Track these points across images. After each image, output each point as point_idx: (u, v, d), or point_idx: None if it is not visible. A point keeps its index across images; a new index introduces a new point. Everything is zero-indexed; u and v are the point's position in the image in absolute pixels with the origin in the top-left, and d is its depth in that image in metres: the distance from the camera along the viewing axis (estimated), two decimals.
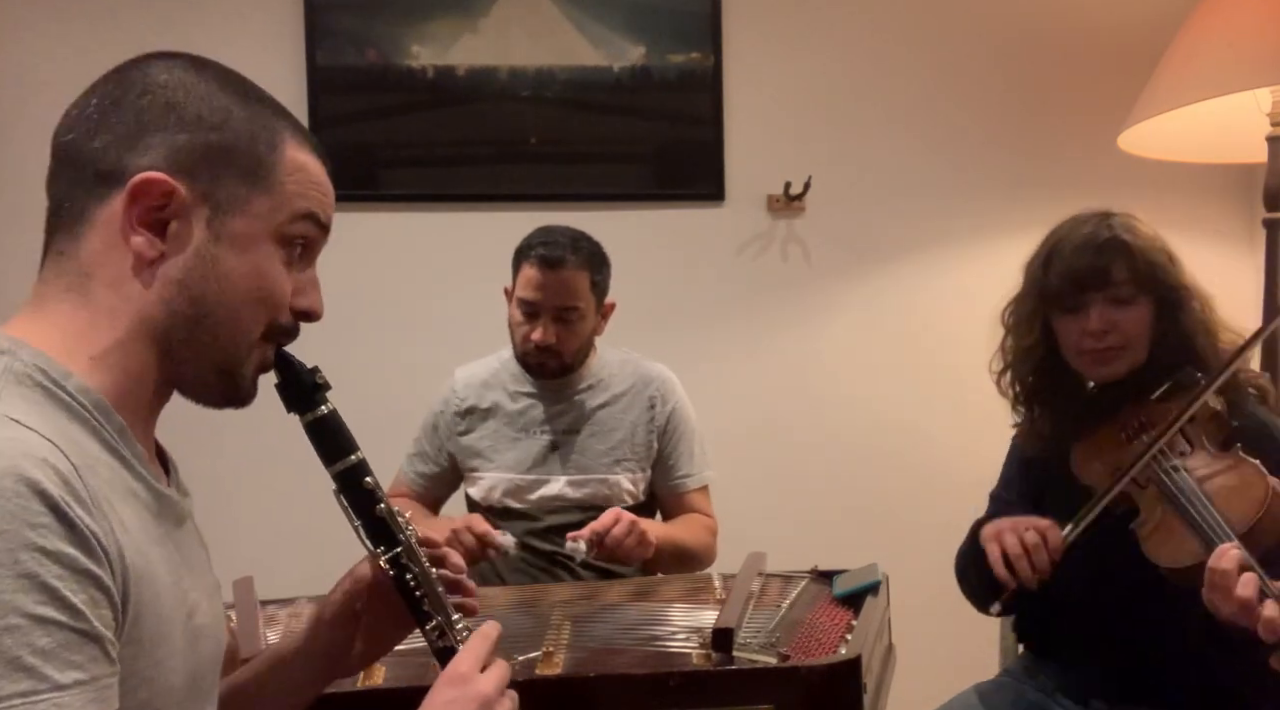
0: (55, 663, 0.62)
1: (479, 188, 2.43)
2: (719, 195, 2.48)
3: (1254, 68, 1.87)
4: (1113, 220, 1.46)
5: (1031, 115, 2.54)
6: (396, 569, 0.91)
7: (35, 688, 0.60)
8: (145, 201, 0.75)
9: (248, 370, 0.83)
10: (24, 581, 0.61)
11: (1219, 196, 2.53)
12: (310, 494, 2.39)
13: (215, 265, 0.77)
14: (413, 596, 0.91)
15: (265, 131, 0.80)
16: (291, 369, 0.87)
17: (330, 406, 0.89)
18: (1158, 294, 1.43)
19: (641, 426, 1.89)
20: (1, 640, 0.59)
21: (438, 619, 0.91)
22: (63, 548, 0.63)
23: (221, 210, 0.78)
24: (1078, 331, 1.45)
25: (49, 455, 0.65)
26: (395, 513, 0.92)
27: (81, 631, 0.63)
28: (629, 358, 1.96)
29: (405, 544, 0.91)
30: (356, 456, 0.90)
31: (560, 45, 2.40)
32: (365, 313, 2.35)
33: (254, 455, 2.31)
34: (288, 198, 0.81)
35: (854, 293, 2.54)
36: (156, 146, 0.76)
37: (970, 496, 1.71)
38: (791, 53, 2.49)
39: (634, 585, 1.66)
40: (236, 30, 2.33)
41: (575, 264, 1.77)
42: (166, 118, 0.76)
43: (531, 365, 1.85)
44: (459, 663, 0.86)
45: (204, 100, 0.78)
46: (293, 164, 0.81)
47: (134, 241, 0.75)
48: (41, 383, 0.71)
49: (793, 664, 1.21)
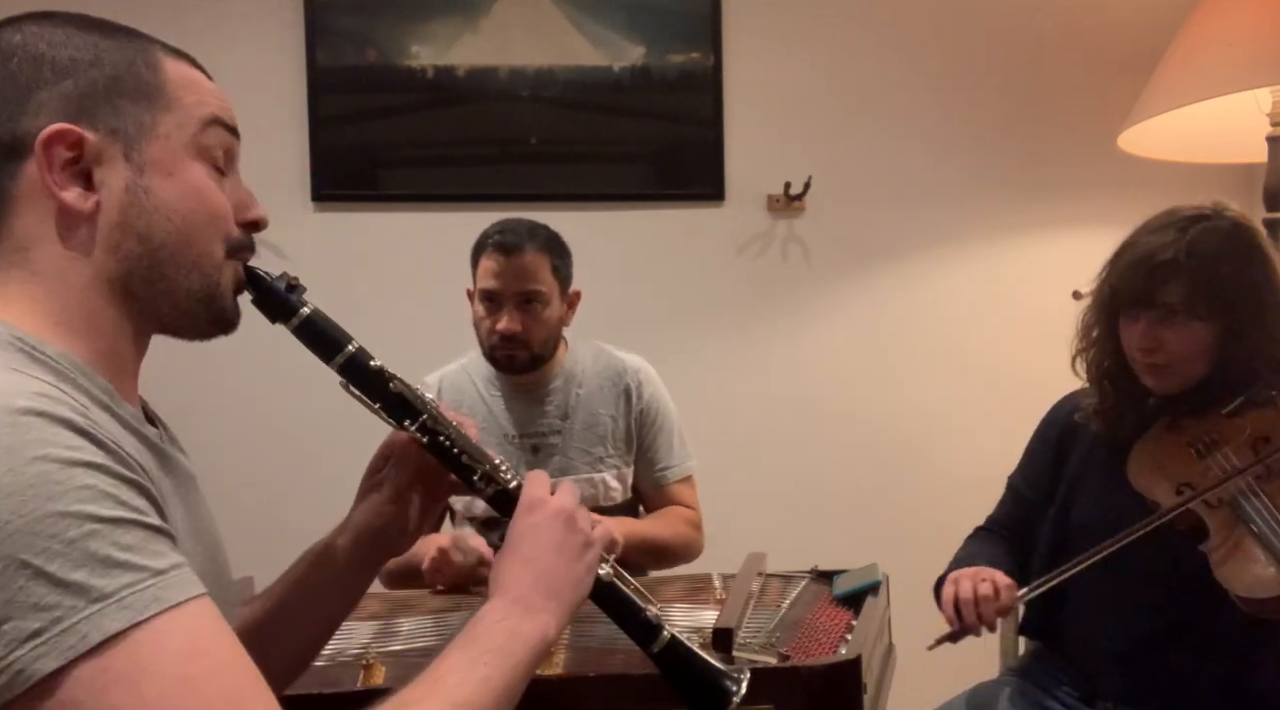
0: (145, 553, 0.62)
1: (479, 188, 2.43)
2: (719, 195, 2.48)
3: (1254, 68, 1.87)
4: (1191, 232, 1.35)
5: (1031, 115, 2.54)
6: (428, 434, 0.92)
7: (136, 578, 0.61)
8: (59, 156, 0.73)
9: (225, 290, 0.82)
10: (86, 492, 0.61)
11: (1219, 196, 2.51)
12: (310, 494, 2.40)
13: (150, 197, 0.76)
14: (451, 455, 0.92)
15: (141, 54, 0.78)
16: (262, 281, 0.86)
17: (312, 305, 0.88)
18: (1224, 317, 1.34)
19: (621, 419, 1.86)
20: (88, 544, 0.60)
21: (483, 467, 0.92)
22: (106, 462, 0.63)
23: (133, 142, 0.76)
24: (1128, 338, 1.42)
25: (56, 394, 0.65)
26: (409, 385, 0.92)
27: (153, 527, 0.64)
28: (600, 349, 1.92)
29: (429, 409, 0.92)
30: (354, 345, 0.90)
31: (560, 45, 2.40)
32: (365, 313, 2.35)
33: (254, 455, 2.31)
34: (188, 109, 0.79)
35: (854, 293, 2.54)
36: (45, 102, 0.74)
37: (970, 496, 1.72)
38: (791, 53, 2.49)
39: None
40: (236, 30, 2.33)
41: (533, 248, 1.74)
42: (41, 72, 0.74)
43: (500, 359, 1.79)
44: (530, 492, 0.89)
45: (68, 43, 0.76)
46: (180, 78, 0.80)
47: (64, 198, 0.73)
48: (22, 349, 0.70)
49: (793, 664, 1.21)
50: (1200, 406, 1.40)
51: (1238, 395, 1.37)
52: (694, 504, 1.91)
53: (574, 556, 0.87)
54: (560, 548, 0.86)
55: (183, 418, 0.88)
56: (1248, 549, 1.28)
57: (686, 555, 1.84)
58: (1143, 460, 1.42)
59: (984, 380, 2.52)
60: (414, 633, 1.39)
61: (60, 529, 0.59)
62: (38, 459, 0.60)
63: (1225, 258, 1.34)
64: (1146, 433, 1.45)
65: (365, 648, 1.28)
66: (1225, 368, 1.38)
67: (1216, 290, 1.34)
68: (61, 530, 0.59)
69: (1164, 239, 1.36)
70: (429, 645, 1.30)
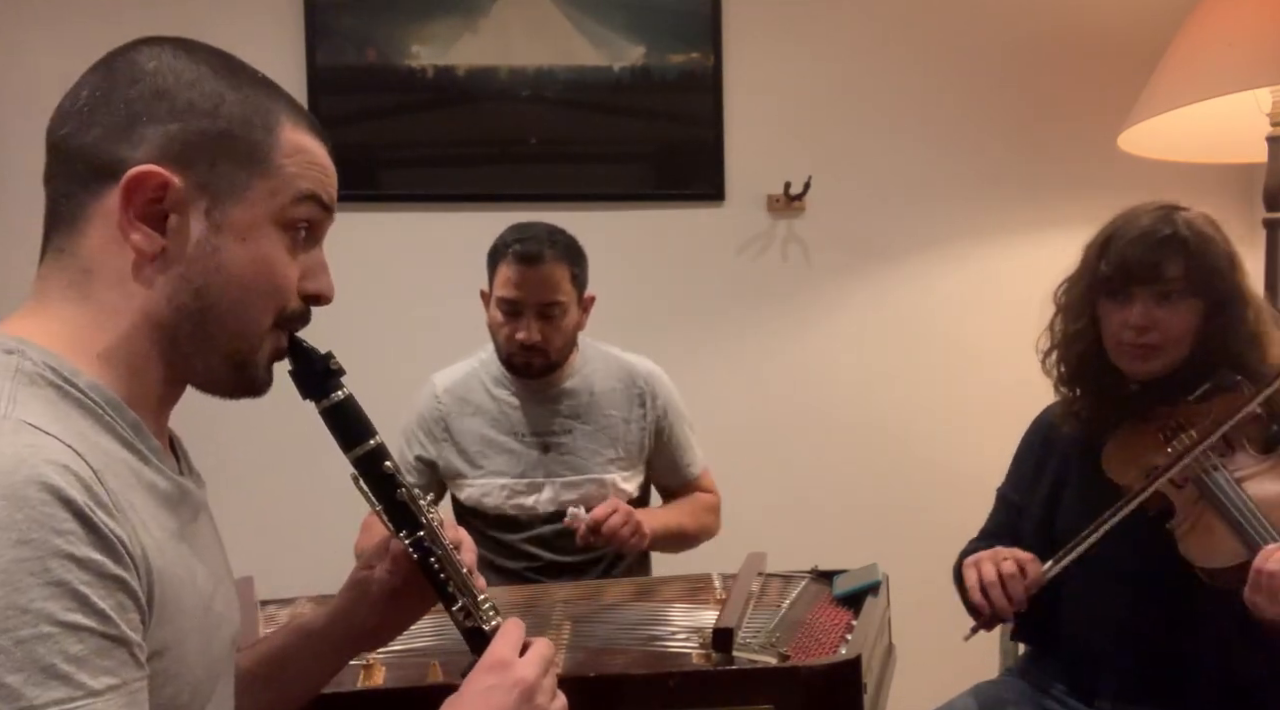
0: (88, 669, 0.61)
1: (479, 188, 2.43)
2: (719, 195, 2.48)
3: (1254, 68, 1.87)
4: (1178, 215, 1.42)
5: (1031, 115, 2.54)
6: (420, 552, 0.91)
7: (71, 695, 0.60)
8: (141, 196, 0.73)
9: (261, 359, 0.81)
10: (54, 589, 0.60)
11: (1219, 196, 2.52)
12: (310, 494, 2.40)
13: (217, 256, 0.76)
14: (437, 579, 0.91)
15: (260, 114, 0.78)
16: (305, 355, 0.86)
17: (346, 392, 0.88)
18: (1210, 297, 1.40)
19: (634, 423, 1.87)
20: (35, 649, 0.59)
21: (463, 600, 0.91)
22: (90, 554, 0.62)
23: (220, 199, 0.76)
24: (1119, 322, 1.43)
25: (70, 461, 0.64)
26: (416, 496, 0.92)
27: (111, 637, 0.63)
28: (610, 352, 1.93)
29: (427, 527, 0.91)
30: (375, 441, 0.89)
31: (560, 45, 2.40)
32: (365, 313, 2.35)
33: (254, 455, 2.31)
34: (287, 180, 0.79)
35: (854, 293, 2.54)
36: (149, 137, 0.74)
37: (970, 496, 1.72)
38: (791, 53, 2.49)
39: (634, 585, 1.66)
40: (236, 30, 2.33)
41: (553, 258, 1.74)
42: (157, 107, 0.74)
43: (518, 365, 1.80)
44: (496, 649, 0.85)
45: (194, 86, 0.76)
46: (290, 145, 0.79)
47: (133, 237, 0.73)
48: (54, 381, 0.70)
49: (793, 664, 1.21)
50: (1171, 395, 1.44)
51: (1206, 382, 1.41)
52: (714, 488, 1.99)
53: None
54: None
55: (182, 417, 0.88)
56: (1208, 522, 1.32)
57: (706, 537, 1.93)
58: (1116, 452, 1.46)
59: (984, 379, 2.52)
60: (414, 633, 1.38)
61: (15, 625, 0.59)
62: (21, 543, 0.60)
63: (1215, 236, 1.42)
64: (1120, 426, 1.48)
65: None
66: (1202, 351, 1.42)
67: (1210, 267, 1.39)
68: (16, 626, 0.59)
69: (1156, 219, 1.42)
70: (428, 645, 1.30)
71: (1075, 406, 1.53)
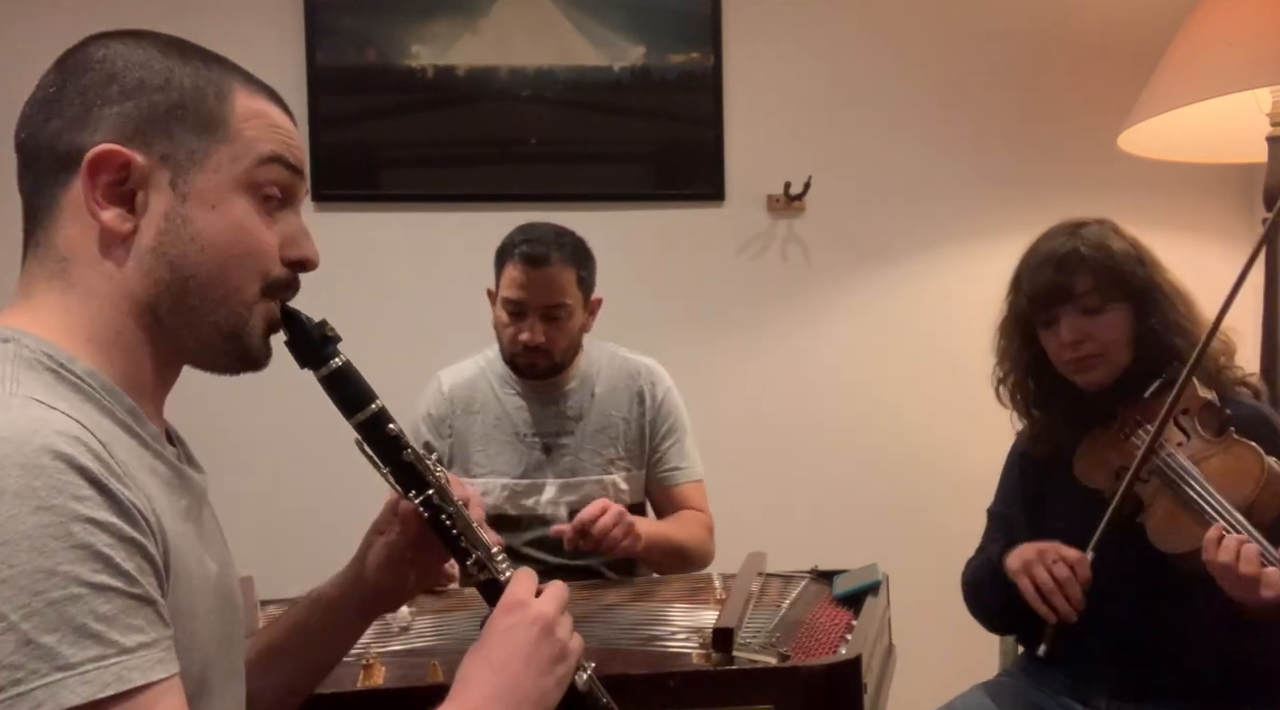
0: (119, 627, 0.63)
1: (479, 188, 2.43)
2: (719, 195, 2.48)
3: (1254, 68, 1.87)
4: (1082, 231, 1.48)
5: (1031, 115, 2.54)
6: (430, 510, 0.91)
7: (104, 652, 0.62)
8: (104, 176, 0.75)
9: (253, 329, 0.82)
10: (79, 552, 0.62)
11: (1219, 196, 2.53)
12: (310, 494, 2.40)
13: (187, 226, 0.77)
14: (449, 535, 0.92)
15: (212, 84, 0.79)
16: (299, 324, 0.86)
17: (343, 358, 0.88)
18: (1132, 299, 1.45)
19: (634, 422, 1.87)
20: (67, 609, 0.60)
21: (477, 553, 0.92)
22: (109, 518, 0.64)
23: (182, 170, 0.77)
24: (1056, 345, 1.49)
25: (79, 433, 0.65)
26: (422, 456, 0.92)
27: (137, 596, 0.64)
28: (615, 352, 1.93)
29: (436, 484, 0.92)
30: (376, 405, 0.90)
31: (560, 45, 2.40)
32: (365, 313, 2.36)
33: (254, 455, 2.31)
34: (247, 144, 0.79)
35: (854, 293, 2.54)
36: (105, 119, 0.75)
37: (970, 496, 1.72)
38: (791, 53, 2.49)
39: (634, 585, 1.66)
40: (236, 30, 2.33)
41: (560, 260, 1.73)
42: (109, 90, 0.76)
43: (521, 366, 1.80)
44: (513, 592, 0.87)
45: (143, 65, 0.77)
46: (247, 110, 0.80)
47: (103, 217, 0.75)
48: (51, 367, 0.71)
49: (793, 664, 1.21)
50: (1127, 396, 1.47)
51: (1158, 378, 1.43)
52: (705, 508, 1.90)
53: (543, 669, 0.84)
54: (530, 658, 0.83)
55: (182, 417, 0.88)
56: (1171, 509, 1.35)
57: (702, 561, 1.82)
58: (1085, 457, 1.50)
59: (984, 380, 2.50)
60: (414, 633, 1.39)
61: (45, 587, 0.60)
62: (42, 509, 0.61)
63: (1117, 244, 1.46)
64: (1085, 432, 1.51)
65: (365, 648, 1.27)
66: (1145, 352, 1.46)
67: (1119, 274, 1.44)
68: (46, 588, 0.60)
69: (1056, 242, 1.49)
70: (429, 645, 1.31)
71: (1039, 428, 1.58)
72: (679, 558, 1.77)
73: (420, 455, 0.92)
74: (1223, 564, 1.21)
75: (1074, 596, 1.36)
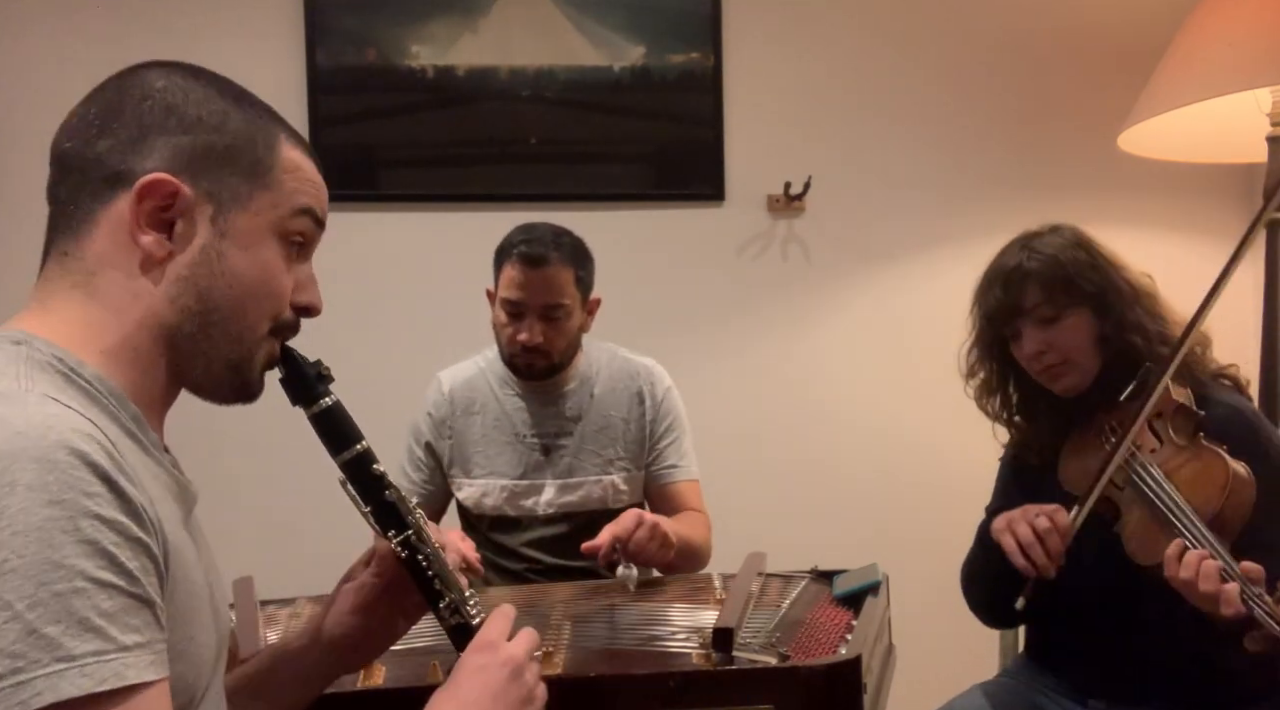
0: (118, 625, 0.64)
1: (479, 188, 2.43)
2: (719, 195, 2.48)
3: (1254, 68, 1.87)
4: (1033, 242, 1.48)
5: (1031, 115, 2.54)
6: (408, 551, 0.93)
7: (104, 647, 0.63)
8: (152, 202, 0.77)
9: (256, 364, 0.85)
10: (86, 547, 0.63)
11: (1219, 196, 2.53)
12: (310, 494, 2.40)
13: (220, 261, 0.80)
14: (425, 576, 0.93)
15: (262, 132, 0.83)
16: (295, 363, 0.90)
17: (334, 398, 0.91)
18: (1088, 303, 1.45)
19: (634, 423, 1.86)
20: (71, 601, 0.62)
21: (450, 596, 0.93)
22: (116, 516, 0.65)
23: (225, 208, 0.80)
24: (1023, 356, 1.50)
25: (91, 430, 0.67)
26: (403, 497, 0.94)
27: (137, 597, 0.66)
28: (615, 352, 1.92)
29: (415, 526, 0.93)
30: (362, 445, 0.92)
31: (560, 45, 2.40)
32: (365, 313, 2.36)
33: (253, 456, 2.31)
34: (287, 194, 0.84)
35: (854, 293, 2.54)
36: (160, 148, 0.78)
37: (970, 497, 1.72)
38: (791, 53, 2.49)
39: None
40: (236, 30, 2.33)
41: (558, 260, 1.73)
42: (168, 120, 0.79)
43: (520, 366, 1.80)
44: (486, 632, 0.89)
45: (202, 103, 0.81)
46: (289, 162, 0.84)
47: (143, 241, 0.77)
48: (61, 370, 0.73)
49: (793, 664, 1.21)
50: (1105, 400, 1.46)
51: (1131, 381, 1.43)
52: (702, 508, 1.90)
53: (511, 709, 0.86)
54: (498, 697, 0.85)
55: (181, 417, 0.88)
56: (1145, 521, 1.34)
57: (706, 560, 1.82)
58: (1068, 463, 1.50)
59: None
60: (414, 633, 1.38)
61: (51, 579, 0.61)
62: (53, 503, 0.62)
63: (1065, 252, 1.46)
64: (1069, 438, 1.51)
65: None
66: (1116, 353, 1.45)
67: (1068, 281, 1.44)
68: (52, 580, 0.61)
69: (1009, 256, 1.49)
70: (429, 645, 1.30)
71: (1025, 437, 1.58)
72: (692, 558, 1.78)
73: (402, 497, 0.94)
74: (1183, 580, 1.21)
75: (1054, 549, 1.35)
